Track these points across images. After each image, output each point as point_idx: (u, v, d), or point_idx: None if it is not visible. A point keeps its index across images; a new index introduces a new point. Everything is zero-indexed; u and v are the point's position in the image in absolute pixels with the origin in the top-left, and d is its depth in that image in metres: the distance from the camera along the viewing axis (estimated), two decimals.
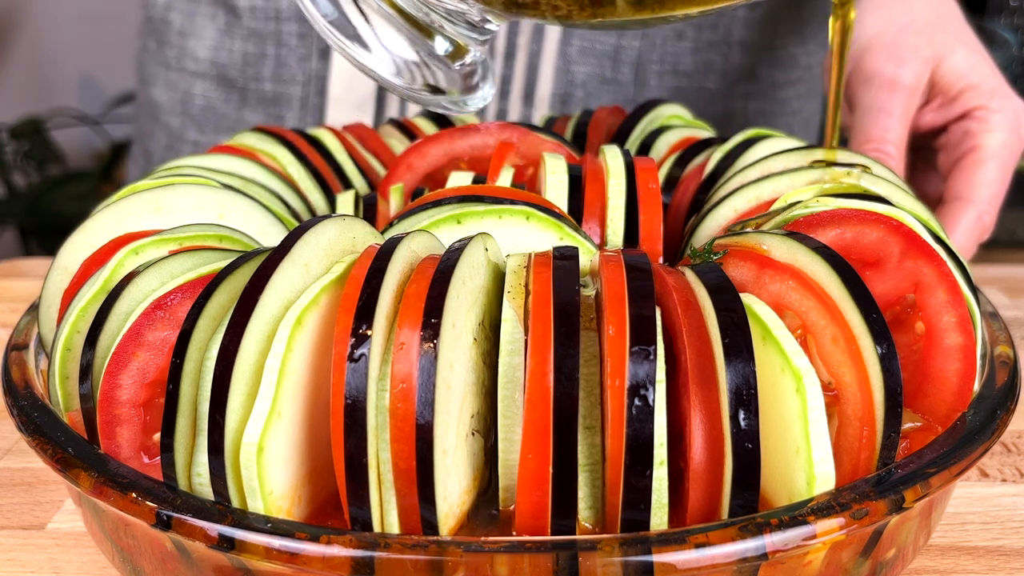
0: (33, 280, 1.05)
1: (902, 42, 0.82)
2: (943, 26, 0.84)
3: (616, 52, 1.06)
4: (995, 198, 0.78)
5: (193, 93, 1.16)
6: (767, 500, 0.48)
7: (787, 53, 1.14)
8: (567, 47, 1.05)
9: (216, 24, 1.13)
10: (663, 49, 1.07)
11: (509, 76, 1.07)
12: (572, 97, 1.08)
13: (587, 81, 1.07)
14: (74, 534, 0.63)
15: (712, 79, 1.11)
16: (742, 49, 1.10)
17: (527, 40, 1.05)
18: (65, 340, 0.55)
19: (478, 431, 0.50)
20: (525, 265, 0.52)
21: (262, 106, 1.13)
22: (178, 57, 1.16)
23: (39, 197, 2.65)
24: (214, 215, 0.62)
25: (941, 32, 0.83)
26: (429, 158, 0.74)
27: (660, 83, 1.09)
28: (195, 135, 1.17)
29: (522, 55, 1.06)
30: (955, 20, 0.85)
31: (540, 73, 1.06)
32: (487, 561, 0.42)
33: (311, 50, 1.09)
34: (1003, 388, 0.54)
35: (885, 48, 0.82)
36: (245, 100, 1.14)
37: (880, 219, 0.53)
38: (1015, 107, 0.81)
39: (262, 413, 0.45)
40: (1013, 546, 0.61)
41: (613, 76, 1.07)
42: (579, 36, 1.05)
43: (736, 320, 0.46)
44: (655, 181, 0.64)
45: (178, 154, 1.18)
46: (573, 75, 1.07)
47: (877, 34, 0.83)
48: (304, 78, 1.10)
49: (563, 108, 1.08)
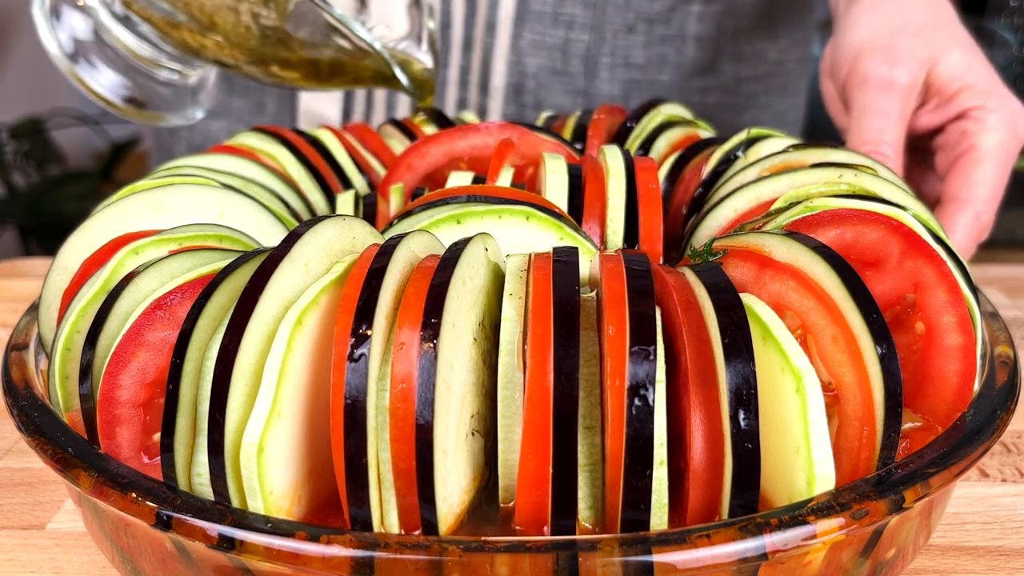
0: (33, 280, 1.05)
1: (897, 43, 0.82)
2: (938, 27, 0.84)
3: (565, 45, 1.09)
4: (993, 197, 0.78)
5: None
6: (767, 500, 0.48)
7: (752, 48, 1.16)
8: (519, 40, 1.08)
9: None
10: (614, 43, 1.09)
11: (467, 67, 1.11)
12: (525, 88, 1.10)
13: (538, 72, 1.10)
14: (74, 534, 0.63)
15: (666, 72, 1.12)
16: (698, 43, 1.12)
17: (482, 33, 1.08)
18: (65, 340, 0.55)
19: (478, 431, 0.50)
20: (525, 268, 0.52)
21: (246, 93, 1.17)
22: None
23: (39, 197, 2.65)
24: (214, 215, 0.62)
25: (936, 33, 0.83)
26: (429, 158, 0.74)
27: (612, 75, 1.11)
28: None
29: (478, 47, 1.09)
30: (950, 21, 0.85)
31: (494, 66, 1.09)
32: (487, 561, 0.42)
33: None
34: (1003, 388, 0.54)
35: (881, 50, 0.82)
36: (232, 87, 1.17)
37: (880, 219, 0.53)
38: (1011, 106, 0.81)
39: (262, 413, 0.45)
40: (1013, 546, 0.61)
41: (563, 68, 1.10)
42: (530, 29, 1.08)
43: (736, 320, 0.46)
44: (655, 181, 0.64)
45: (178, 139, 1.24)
46: (525, 67, 1.09)
47: (872, 36, 0.83)
48: None
49: (516, 98, 1.11)
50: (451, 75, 1.12)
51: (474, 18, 1.08)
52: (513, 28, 1.08)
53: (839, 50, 0.86)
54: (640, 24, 1.09)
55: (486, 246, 0.52)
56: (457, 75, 1.11)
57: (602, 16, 1.07)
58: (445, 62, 1.11)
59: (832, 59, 0.88)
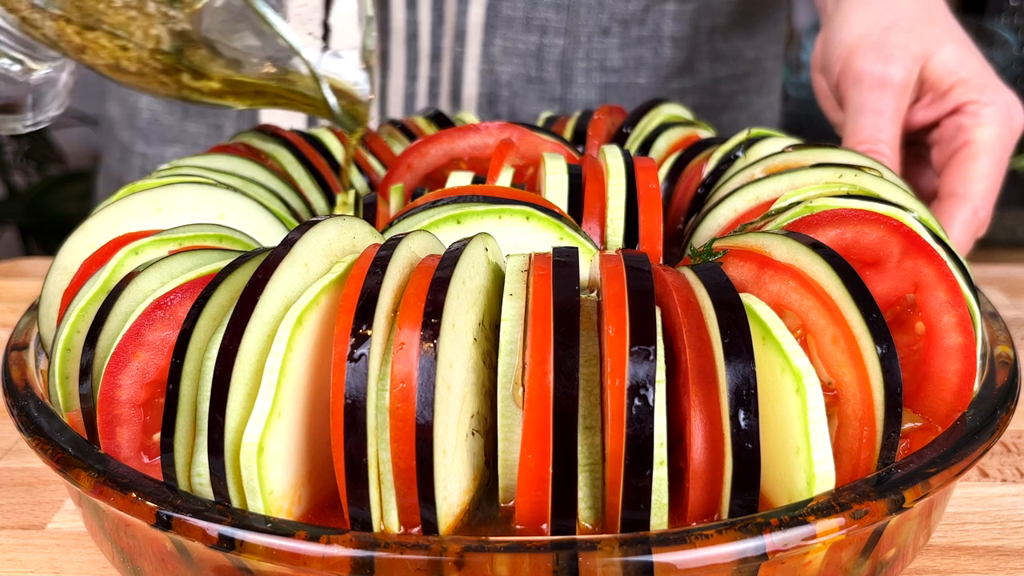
0: (33, 280, 1.05)
1: (890, 40, 0.81)
2: (930, 21, 0.83)
3: (539, 51, 1.07)
4: (990, 192, 0.78)
5: (139, 107, 1.18)
6: (767, 500, 0.48)
7: (729, 47, 1.14)
8: (490, 48, 1.06)
9: None
10: (588, 46, 1.07)
11: (436, 79, 1.08)
12: (498, 97, 1.08)
13: (512, 80, 1.08)
14: (74, 534, 0.63)
15: (643, 74, 1.11)
16: (674, 43, 1.10)
17: (451, 43, 1.06)
18: (65, 340, 0.55)
19: (478, 431, 0.50)
20: (525, 268, 0.52)
21: (202, 116, 1.14)
22: None
23: (39, 197, 2.65)
24: (214, 215, 0.62)
25: (928, 28, 0.83)
26: (429, 158, 0.74)
27: (588, 80, 1.09)
28: (143, 147, 1.18)
29: (447, 57, 1.07)
30: (941, 15, 0.85)
31: (464, 76, 1.07)
32: (487, 561, 0.42)
33: None
34: (1003, 388, 0.54)
35: (873, 47, 0.81)
36: (187, 111, 1.15)
37: (880, 219, 0.53)
38: (1006, 100, 0.81)
39: (262, 413, 0.45)
40: (1013, 546, 0.61)
41: (538, 75, 1.08)
42: (501, 36, 1.06)
43: (736, 320, 0.46)
44: (655, 181, 0.64)
45: (130, 167, 1.20)
46: (497, 75, 1.07)
47: (864, 33, 0.83)
48: None
49: (490, 108, 1.09)
50: (420, 87, 1.09)
51: (442, 27, 1.06)
52: (484, 35, 1.05)
53: (830, 46, 0.86)
54: (615, 26, 1.07)
55: (486, 246, 0.52)
56: (426, 87, 1.09)
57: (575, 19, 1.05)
58: (413, 74, 1.08)
59: (823, 55, 0.87)
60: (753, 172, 0.66)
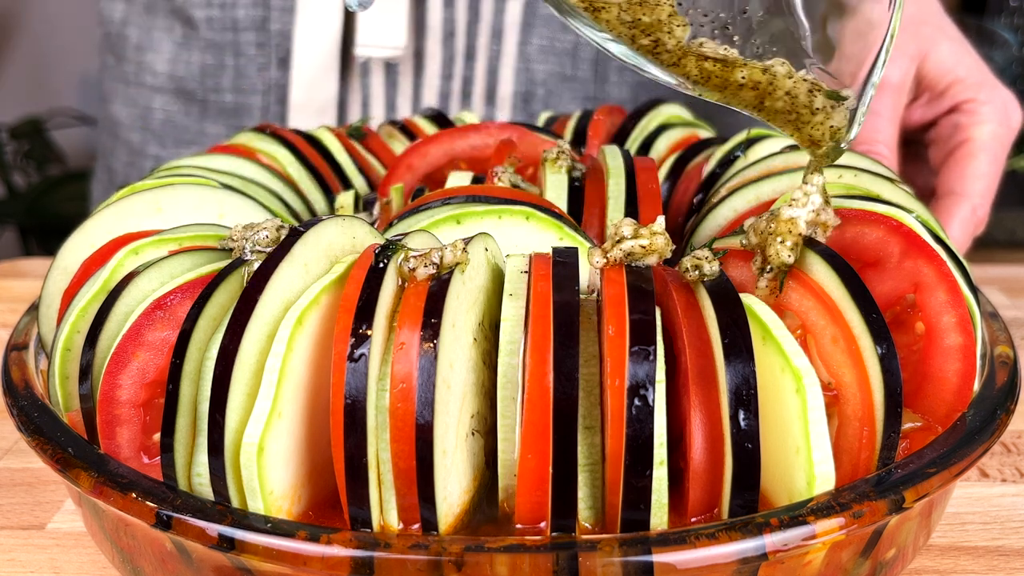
0: (33, 280, 1.05)
1: None
2: (925, 20, 0.83)
3: (575, 49, 1.07)
4: (988, 190, 0.78)
5: (153, 107, 1.16)
6: (767, 500, 0.48)
7: None
8: (526, 47, 1.06)
9: (173, 37, 1.12)
10: None
11: (471, 77, 1.08)
12: (534, 96, 1.08)
13: (547, 79, 1.08)
14: (74, 534, 0.63)
15: None
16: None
17: (487, 41, 1.06)
18: (65, 340, 0.55)
19: (478, 431, 0.50)
20: (525, 268, 0.52)
21: (223, 117, 1.13)
22: (136, 72, 1.16)
23: (39, 197, 2.65)
24: (214, 215, 0.62)
25: (923, 27, 0.83)
26: (429, 158, 0.74)
27: (621, 79, 1.09)
28: (156, 149, 1.17)
29: (482, 56, 1.07)
30: (936, 14, 0.85)
31: (500, 74, 1.07)
32: (487, 561, 0.42)
33: (270, 59, 1.08)
34: (1003, 388, 0.54)
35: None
36: (205, 112, 1.13)
37: (880, 219, 0.53)
38: (1003, 97, 0.81)
39: (262, 413, 0.45)
40: (1013, 546, 0.61)
41: (573, 73, 1.08)
42: (538, 35, 1.06)
43: (736, 320, 0.46)
44: (655, 181, 0.64)
45: (140, 170, 1.18)
46: (533, 74, 1.07)
47: None
48: (264, 87, 1.10)
49: (525, 107, 1.09)
50: (455, 86, 1.09)
51: (477, 25, 1.06)
52: (520, 34, 1.06)
53: None
54: None
55: (486, 246, 0.52)
56: (460, 86, 1.08)
57: None
58: (448, 73, 1.09)
59: None
60: (753, 172, 0.66)
